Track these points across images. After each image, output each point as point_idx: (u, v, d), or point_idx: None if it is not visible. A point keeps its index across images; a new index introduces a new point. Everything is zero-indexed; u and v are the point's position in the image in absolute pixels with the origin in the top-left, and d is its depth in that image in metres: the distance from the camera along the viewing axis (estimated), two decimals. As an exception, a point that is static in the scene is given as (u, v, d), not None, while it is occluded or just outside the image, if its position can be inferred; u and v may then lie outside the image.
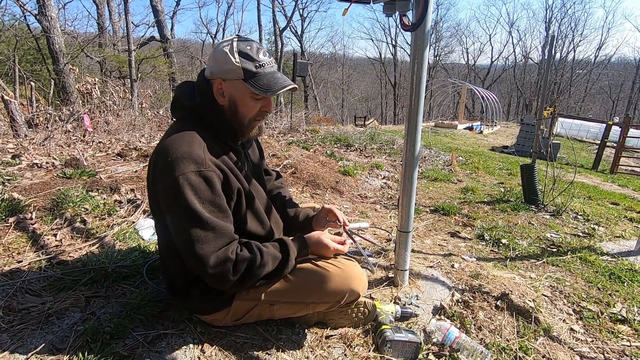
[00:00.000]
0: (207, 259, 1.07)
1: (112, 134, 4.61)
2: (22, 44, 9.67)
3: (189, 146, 1.10)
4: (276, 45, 20.18)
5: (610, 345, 1.56)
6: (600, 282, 2.05)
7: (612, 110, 31.97)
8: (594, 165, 8.54)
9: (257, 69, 1.15)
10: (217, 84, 1.18)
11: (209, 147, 1.14)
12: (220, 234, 1.10)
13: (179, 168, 1.06)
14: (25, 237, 1.90)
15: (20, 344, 1.23)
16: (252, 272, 1.14)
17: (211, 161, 1.11)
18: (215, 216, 1.09)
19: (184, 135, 1.13)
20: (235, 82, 1.16)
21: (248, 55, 1.14)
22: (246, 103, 1.19)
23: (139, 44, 13.61)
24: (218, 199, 1.11)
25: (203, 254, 1.07)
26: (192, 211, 1.06)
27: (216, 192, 1.11)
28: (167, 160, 1.08)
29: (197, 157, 1.08)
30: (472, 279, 1.91)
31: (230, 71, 1.14)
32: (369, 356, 1.32)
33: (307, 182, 3.48)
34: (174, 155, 1.08)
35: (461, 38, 42.99)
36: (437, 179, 4.45)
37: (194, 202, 1.06)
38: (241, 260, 1.12)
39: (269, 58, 1.19)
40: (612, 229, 3.00)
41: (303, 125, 7.12)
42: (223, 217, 1.12)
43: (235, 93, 1.18)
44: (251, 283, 1.18)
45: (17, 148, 3.44)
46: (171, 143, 1.11)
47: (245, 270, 1.12)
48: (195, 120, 1.19)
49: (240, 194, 1.21)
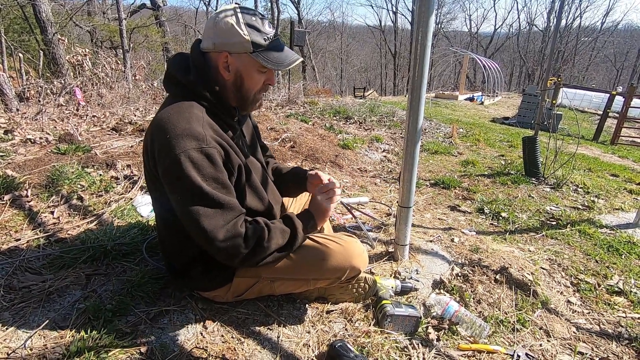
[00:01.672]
0: (217, 233, 1.05)
1: (106, 108, 4.49)
2: (7, 12, 9.25)
3: (188, 122, 1.05)
4: (272, 13, 19.46)
5: (606, 316, 1.59)
6: (598, 255, 2.07)
7: (615, 80, 31.41)
8: (594, 136, 8.48)
9: (266, 42, 1.12)
10: (222, 57, 1.12)
11: (207, 123, 1.10)
12: (228, 208, 1.08)
13: (180, 145, 1.02)
14: (21, 215, 1.88)
15: (22, 321, 1.24)
16: (262, 244, 1.13)
17: (211, 137, 1.07)
18: (220, 192, 1.07)
19: (181, 111, 1.08)
20: (243, 56, 1.12)
21: (256, 27, 1.10)
22: (253, 77, 1.15)
23: (129, 12, 13.05)
24: (221, 175, 1.08)
25: (212, 229, 1.05)
26: (196, 188, 1.03)
27: (219, 168, 1.08)
28: (166, 138, 1.03)
29: (197, 133, 1.04)
30: (472, 253, 1.92)
31: (238, 44, 1.09)
32: (369, 331, 1.33)
33: (306, 156, 3.44)
34: (173, 132, 1.03)
35: (464, 3, 41.49)
36: (437, 151, 4.41)
37: (197, 179, 1.03)
38: (252, 233, 1.11)
39: (272, 29, 1.14)
40: (611, 201, 3.00)
41: (301, 97, 6.96)
42: (227, 193, 1.09)
43: (242, 67, 1.13)
44: (262, 257, 1.16)
45: (9, 123, 3.36)
46: (168, 120, 1.06)
47: (256, 243, 1.11)
48: (191, 97, 1.13)
49: (241, 170, 1.19)
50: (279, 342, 1.27)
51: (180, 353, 1.18)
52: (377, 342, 1.29)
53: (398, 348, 1.29)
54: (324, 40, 32.57)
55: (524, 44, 32.04)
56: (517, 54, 32.35)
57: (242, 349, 1.22)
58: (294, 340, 1.29)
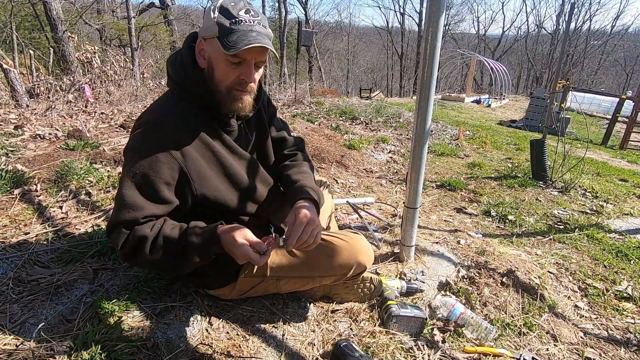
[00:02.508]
0: (111, 225, 1.02)
1: (114, 105, 4.53)
2: (19, 10, 9.37)
3: (156, 114, 1.09)
4: (280, 13, 19.48)
5: (614, 322, 1.57)
6: (606, 260, 2.04)
7: (625, 84, 31.03)
8: (603, 141, 8.38)
9: (231, 25, 1.01)
10: (199, 43, 1.09)
11: (183, 118, 1.08)
12: (129, 207, 1.01)
13: (134, 133, 1.07)
14: (31, 209, 1.90)
15: (31, 314, 1.25)
16: (140, 255, 1.02)
17: (170, 133, 1.04)
18: (137, 190, 1.02)
19: (159, 102, 1.14)
20: (212, 41, 1.04)
21: (227, 10, 1.02)
22: (221, 66, 1.05)
23: (138, 11, 13.16)
24: (152, 174, 1.02)
25: (111, 219, 1.04)
26: (123, 176, 1.05)
27: (155, 168, 1.02)
28: (135, 122, 1.11)
29: (154, 125, 1.06)
30: (478, 256, 1.91)
31: (208, 28, 1.04)
32: (374, 331, 1.33)
33: (312, 156, 3.44)
34: (139, 120, 1.10)
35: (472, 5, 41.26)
36: (443, 153, 4.39)
37: (127, 169, 1.04)
38: (133, 236, 1.01)
39: (253, 17, 1.03)
40: (620, 206, 2.97)
41: (307, 97, 6.96)
42: (145, 194, 1.02)
43: (212, 54, 1.06)
44: (140, 263, 1.06)
45: (19, 119, 3.40)
46: (148, 109, 1.13)
47: (133, 250, 1.02)
48: (177, 91, 1.13)
49: (202, 173, 1.10)
50: (283, 340, 1.27)
51: (186, 349, 1.18)
52: (383, 343, 1.28)
53: (403, 349, 1.29)
54: (331, 40, 32.56)
55: (532, 47, 31.77)
56: (525, 56, 32.09)
57: (247, 346, 1.22)
58: (298, 339, 1.29)
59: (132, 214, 1.01)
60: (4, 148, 2.51)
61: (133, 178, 1.02)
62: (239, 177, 1.19)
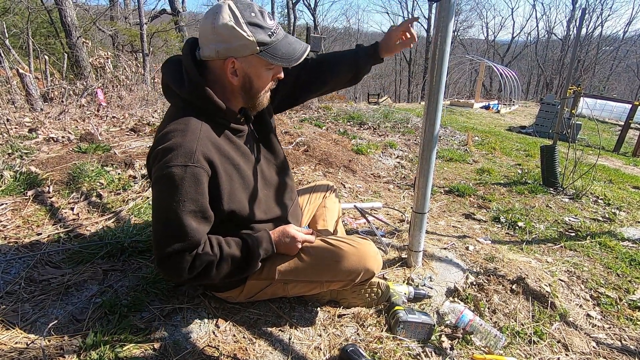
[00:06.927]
0: (165, 255, 1.02)
1: (126, 109, 4.61)
2: (35, 17, 9.61)
3: (182, 136, 1.02)
4: (289, 19, 19.69)
5: (628, 332, 1.53)
6: (619, 268, 2.00)
7: (638, 90, 30.53)
8: (615, 147, 8.25)
9: (271, 38, 1.06)
10: (228, 64, 1.05)
11: (205, 134, 1.06)
12: (188, 237, 1.02)
13: (166, 159, 1.00)
14: (43, 210, 1.93)
15: (41, 313, 1.27)
16: (208, 274, 1.09)
17: (202, 154, 1.03)
18: (190, 217, 1.02)
19: (178, 123, 1.06)
20: (249, 58, 1.06)
21: (258, 24, 1.03)
22: (262, 76, 1.11)
23: (150, 17, 13.40)
24: (200, 198, 1.03)
25: (162, 250, 1.02)
26: (171, 207, 1.00)
27: (200, 190, 1.03)
28: (158, 148, 1.03)
29: (187, 149, 1.01)
30: (487, 262, 1.88)
31: (244, 47, 1.03)
32: (381, 336, 1.32)
33: (319, 161, 3.45)
34: (164, 144, 1.02)
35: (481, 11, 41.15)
36: (452, 159, 4.35)
37: (174, 198, 1.00)
38: (199, 264, 1.06)
39: (273, 21, 1.08)
40: (633, 214, 2.91)
41: (315, 102, 6.99)
42: (196, 218, 1.04)
43: (250, 69, 1.08)
44: (205, 280, 1.13)
45: (34, 122, 3.48)
46: (166, 131, 1.05)
47: (201, 272, 1.07)
48: (190, 108, 1.09)
49: (230, 190, 1.13)
50: (290, 344, 1.27)
51: (193, 351, 1.18)
52: (389, 349, 1.27)
53: (410, 355, 1.27)
54: (340, 46, 32.71)
55: (542, 53, 31.52)
56: (535, 62, 31.82)
57: (253, 349, 1.22)
58: (305, 343, 1.28)
59: (191, 240, 1.03)
60: (18, 150, 2.57)
61: (183, 207, 1.00)
62: (258, 187, 1.24)
